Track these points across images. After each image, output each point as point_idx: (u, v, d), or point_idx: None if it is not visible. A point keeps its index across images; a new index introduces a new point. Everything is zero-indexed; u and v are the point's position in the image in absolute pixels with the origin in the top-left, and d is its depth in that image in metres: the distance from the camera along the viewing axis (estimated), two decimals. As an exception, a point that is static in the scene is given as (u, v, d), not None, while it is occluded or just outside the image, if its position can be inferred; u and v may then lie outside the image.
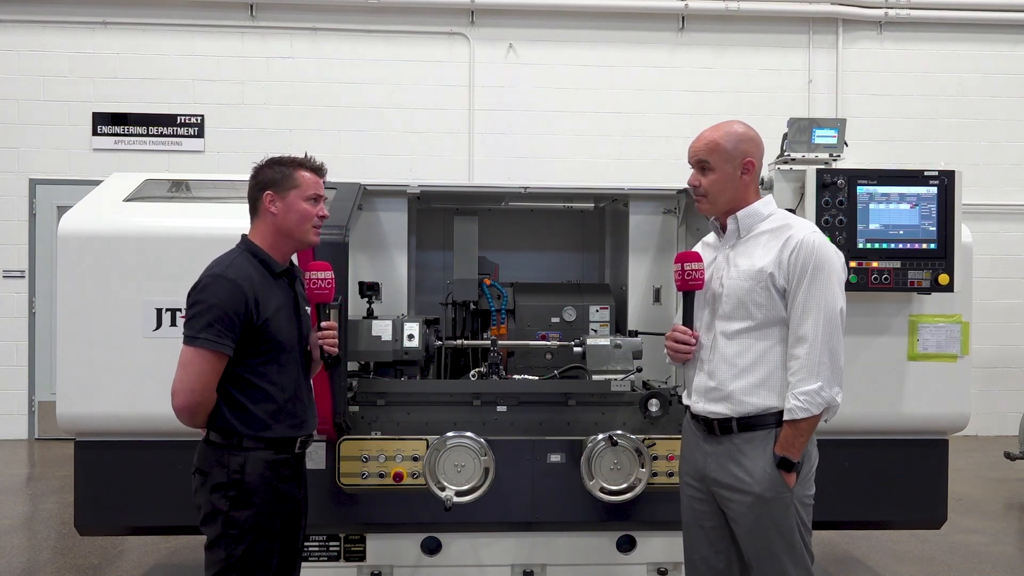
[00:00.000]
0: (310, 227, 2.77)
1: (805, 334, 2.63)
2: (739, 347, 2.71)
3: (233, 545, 2.62)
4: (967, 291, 3.75)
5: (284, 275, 2.80)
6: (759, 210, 2.79)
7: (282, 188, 2.75)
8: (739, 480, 2.69)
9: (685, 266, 2.79)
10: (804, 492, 2.71)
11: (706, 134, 2.80)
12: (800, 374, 2.62)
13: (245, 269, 2.67)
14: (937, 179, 3.65)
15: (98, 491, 3.63)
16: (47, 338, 8.33)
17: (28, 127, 8.44)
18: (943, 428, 3.85)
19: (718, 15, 8.76)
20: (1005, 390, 8.81)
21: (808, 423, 2.63)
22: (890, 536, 5.20)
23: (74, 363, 3.52)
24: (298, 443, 2.77)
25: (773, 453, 2.66)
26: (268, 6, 8.56)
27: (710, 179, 2.76)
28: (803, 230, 2.72)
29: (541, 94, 8.72)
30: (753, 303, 2.69)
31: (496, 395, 3.66)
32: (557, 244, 4.86)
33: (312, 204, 2.77)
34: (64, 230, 3.58)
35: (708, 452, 2.78)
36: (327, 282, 2.80)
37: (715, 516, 2.81)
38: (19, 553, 5.03)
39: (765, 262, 2.69)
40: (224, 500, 2.63)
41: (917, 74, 8.94)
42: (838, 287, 2.67)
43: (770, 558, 2.68)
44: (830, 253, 2.69)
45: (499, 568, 3.68)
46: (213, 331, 2.56)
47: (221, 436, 2.67)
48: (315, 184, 2.79)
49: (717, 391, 2.73)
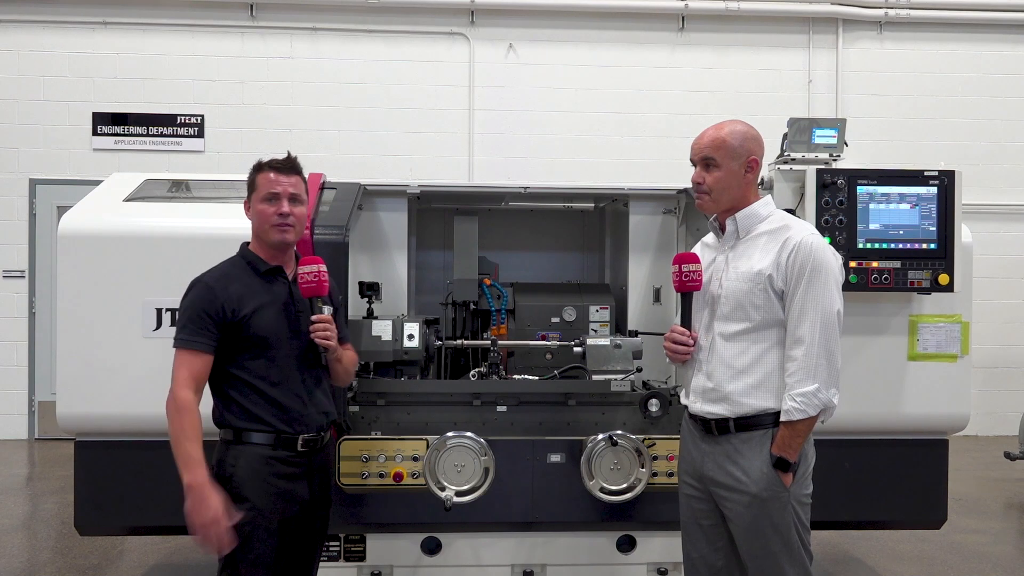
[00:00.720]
0: (269, 227, 2.78)
1: (802, 336, 2.64)
2: (737, 348, 2.72)
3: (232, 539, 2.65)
4: (967, 291, 3.75)
5: (275, 274, 2.83)
6: (758, 211, 2.80)
7: (250, 194, 2.86)
8: (736, 480, 2.70)
9: (683, 267, 2.80)
10: (801, 491, 2.72)
11: (711, 132, 2.80)
12: (797, 375, 2.63)
13: (224, 272, 2.81)
14: (937, 179, 3.65)
15: (98, 491, 3.63)
16: (47, 338, 8.33)
17: (28, 127, 8.44)
18: (943, 428, 3.85)
19: (718, 15, 8.76)
20: (1005, 390, 8.81)
21: (805, 424, 2.64)
22: (890, 536, 5.21)
23: (74, 363, 3.52)
24: (300, 441, 2.77)
25: (770, 453, 2.67)
26: (268, 6, 8.56)
27: (715, 176, 2.76)
28: (801, 232, 2.73)
29: (541, 94, 8.72)
30: (751, 305, 2.70)
31: (496, 395, 3.66)
32: (557, 244, 4.86)
33: (269, 203, 2.79)
34: (64, 230, 3.58)
35: (706, 452, 2.79)
36: (313, 275, 2.79)
37: (713, 515, 2.82)
38: (19, 553, 5.03)
39: (764, 264, 2.70)
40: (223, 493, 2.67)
41: (917, 74, 8.95)
42: (835, 289, 2.68)
43: (767, 557, 2.69)
44: (828, 255, 2.70)
45: (499, 568, 3.68)
46: (187, 331, 2.71)
47: (223, 432, 2.77)
48: (271, 182, 2.80)
49: (715, 392, 2.75)
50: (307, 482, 2.81)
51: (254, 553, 2.67)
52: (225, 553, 2.62)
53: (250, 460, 2.71)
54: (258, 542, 2.68)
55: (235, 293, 2.74)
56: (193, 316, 2.70)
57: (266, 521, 2.69)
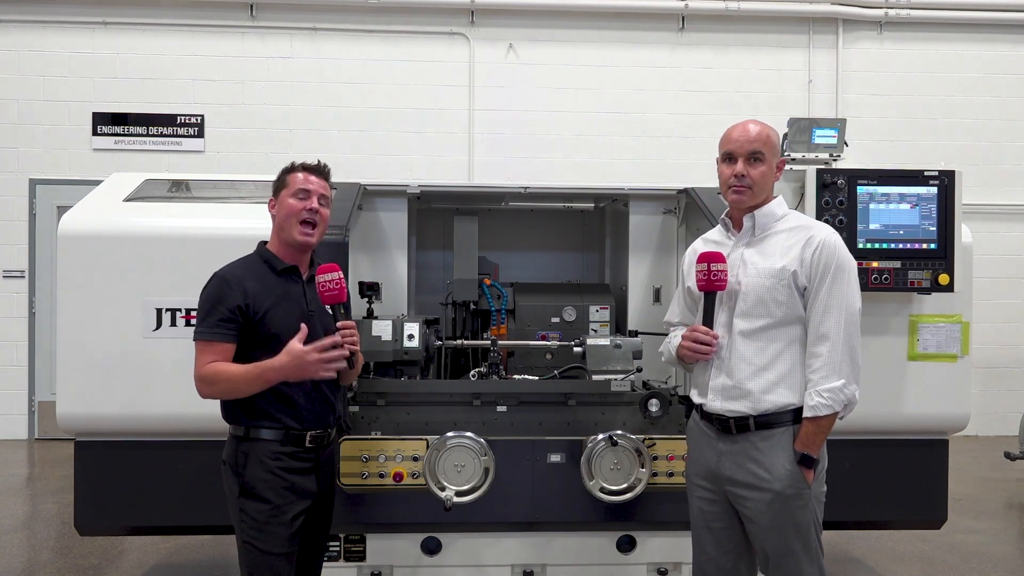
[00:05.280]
0: (295, 223, 2.82)
1: (827, 332, 2.66)
2: (757, 345, 2.73)
3: (245, 531, 2.76)
4: (967, 291, 3.75)
5: (290, 273, 2.86)
6: (774, 210, 2.83)
7: (277, 191, 2.91)
8: (758, 478, 2.69)
9: (711, 266, 2.75)
10: (820, 489, 2.74)
11: (754, 126, 2.80)
12: (822, 371, 2.65)
13: (241, 267, 2.84)
14: (937, 179, 3.65)
15: (98, 491, 3.63)
16: (47, 338, 8.33)
17: (28, 127, 8.44)
18: (943, 428, 3.85)
19: (718, 15, 8.76)
20: (1005, 390, 8.82)
21: (829, 420, 2.66)
22: (890, 536, 5.20)
23: (74, 363, 3.52)
24: (308, 437, 2.81)
25: (793, 450, 2.67)
26: (268, 6, 8.56)
27: (760, 171, 2.77)
28: (824, 230, 2.77)
29: (541, 94, 8.72)
30: (774, 301, 2.71)
31: (496, 395, 3.65)
32: (557, 244, 4.86)
33: (299, 200, 2.83)
34: (64, 230, 3.58)
35: (723, 451, 2.78)
36: (334, 283, 2.79)
37: (725, 517, 2.81)
38: (19, 553, 5.03)
39: (787, 260, 2.71)
40: (235, 486, 2.76)
41: (917, 74, 8.95)
42: (856, 288, 2.72)
43: (787, 556, 2.69)
44: (848, 254, 2.74)
45: (499, 568, 3.68)
46: (207, 323, 2.74)
47: (233, 428, 2.82)
48: (304, 180, 2.86)
49: (736, 389, 2.73)
50: (315, 476, 2.86)
51: (272, 546, 2.74)
52: (345, 356, 2.75)
53: (260, 456, 2.75)
54: (275, 535, 2.74)
55: (252, 289, 2.77)
56: (214, 309, 2.74)
57: (281, 514, 2.75)
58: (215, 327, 2.72)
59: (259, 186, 4.10)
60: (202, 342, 2.73)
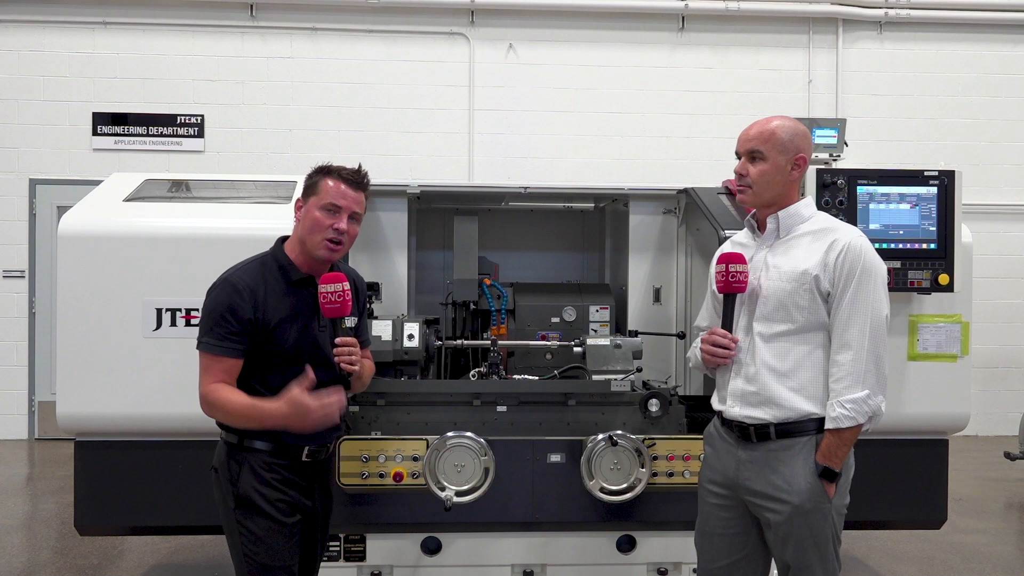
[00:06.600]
0: (321, 239, 2.63)
1: (850, 340, 2.56)
2: (779, 350, 2.62)
3: (245, 544, 2.66)
4: (967, 291, 3.75)
5: (305, 285, 2.70)
6: (800, 211, 2.72)
7: (307, 195, 2.71)
8: (777, 489, 2.60)
9: (730, 267, 2.66)
10: (841, 502, 2.65)
11: (759, 124, 2.71)
12: (845, 381, 2.55)
13: (253, 274, 2.66)
14: (937, 179, 3.65)
15: (98, 491, 3.63)
16: (47, 338, 8.32)
17: (28, 127, 8.44)
18: (943, 428, 3.84)
19: (718, 15, 8.76)
20: (1005, 390, 8.81)
21: (852, 432, 2.56)
22: (890, 536, 5.20)
23: (74, 363, 3.52)
24: (304, 452, 2.71)
25: (815, 463, 2.58)
26: (268, 6, 8.56)
27: (759, 169, 2.67)
28: (849, 233, 2.65)
29: (541, 94, 8.71)
30: (795, 306, 2.61)
31: (496, 395, 3.65)
32: (557, 244, 4.86)
33: (328, 214, 2.64)
34: (64, 230, 3.58)
35: (742, 460, 2.68)
36: (337, 295, 2.60)
37: (740, 522, 2.73)
38: (19, 553, 5.03)
39: (809, 264, 2.61)
40: (230, 498, 2.67)
41: (917, 74, 8.94)
42: (884, 293, 2.61)
43: (803, 570, 2.62)
44: (876, 258, 2.63)
45: (499, 568, 3.68)
46: (214, 335, 2.60)
47: (226, 435, 2.71)
48: (337, 194, 2.65)
49: (757, 395, 2.64)
50: (309, 486, 2.78)
51: (274, 559, 2.66)
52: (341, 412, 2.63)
53: (254, 466, 2.66)
54: (275, 548, 2.66)
55: (263, 300, 2.61)
56: (223, 319, 2.58)
57: (277, 525, 2.67)
58: (223, 340, 2.58)
59: (259, 186, 4.10)
60: (208, 355, 2.60)
